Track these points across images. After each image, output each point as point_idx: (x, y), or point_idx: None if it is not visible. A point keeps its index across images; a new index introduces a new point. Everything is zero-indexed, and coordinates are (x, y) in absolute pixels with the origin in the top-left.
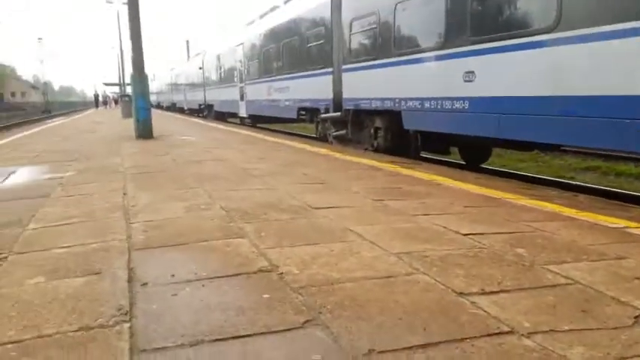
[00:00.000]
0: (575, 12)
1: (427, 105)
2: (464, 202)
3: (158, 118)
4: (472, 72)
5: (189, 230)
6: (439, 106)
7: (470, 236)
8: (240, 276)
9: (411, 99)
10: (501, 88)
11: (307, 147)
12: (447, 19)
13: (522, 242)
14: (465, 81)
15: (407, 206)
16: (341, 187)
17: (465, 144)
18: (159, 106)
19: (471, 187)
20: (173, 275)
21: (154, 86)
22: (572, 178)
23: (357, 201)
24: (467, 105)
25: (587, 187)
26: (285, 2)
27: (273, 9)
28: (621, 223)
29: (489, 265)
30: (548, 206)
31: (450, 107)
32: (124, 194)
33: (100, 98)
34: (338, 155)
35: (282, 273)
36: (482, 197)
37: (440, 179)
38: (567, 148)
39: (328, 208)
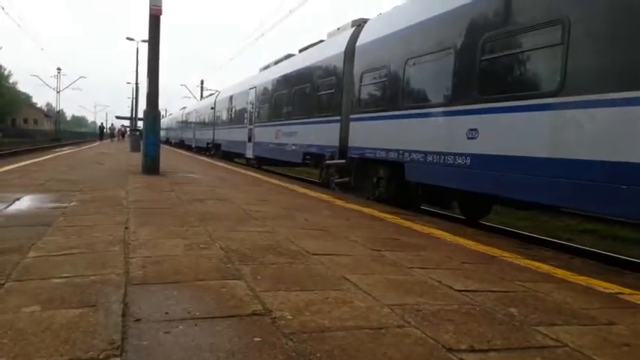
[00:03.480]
0: (578, 79)
1: (430, 159)
2: (460, 258)
3: (166, 154)
4: (475, 129)
5: (186, 268)
6: (442, 161)
7: (463, 292)
8: (233, 318)
9: (415, 152)
10: (503, 147)
11: (310, 192)
12: (455, 77)
13: (515, 302)
14: (469, 138)
15: (404, 258)
16: (340, 234)
17: (465, 199)
18: (167, 142)
19: (468, 242)
20: (167, 313)
21: (164, 122)
22: (569, 240)
23: (354, 250)
24: (469, 161)
25: (583, 249)
26: (300, 51)
27: (287, 56)
28: (614, 288)
29: (480, 323)
30: (543, 267)
31: (452, 162)
32: (126, 228)
33: (107, 130)
34: (340, 202)
35: (275, 317)
36: (479, 254)
37: (438, 233)
38: (566, 210)
39: (326, 255)
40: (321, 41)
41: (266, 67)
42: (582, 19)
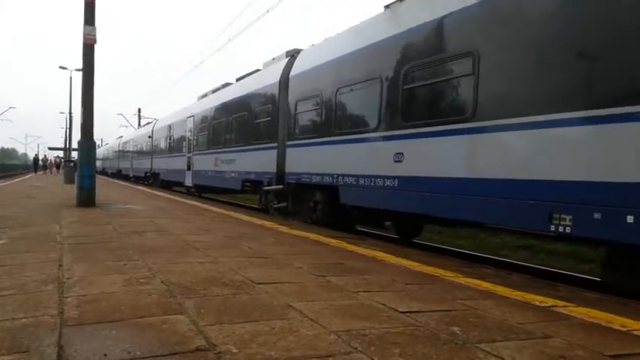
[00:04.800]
0: (487, 105)
1: (362, 182)
2: (404, 279)
3: (102, 184)
4: (401, 153)
5: (125, 305)
6: (372, 183)
7: (408, 314)
8: (176, 355)
9: (348, 175)
10: (426, 169)
11: (254, 220)
12: (381, 104)
13: (457, 320)
14: (395, 161)
15: (349, 282)
16: (285, 262)
17: (397, 219)
18: (104, 172)
19: (412, 264)
20: (106, 354)
21: (100, 152)
22: (507, 256)
23: (300, 277)
24: (396, 183)
25: (520, 265)
26: (237, 80)
27: (225, 85)
28: (549, 301)
29: (424, 344)
30: (483, 284)
31: (381, 184)
32: (60, 265)
33: (40, 162)
34: (284, 229)
35: (219, 352)
36: (422, 275)
37: (382, 255)
38: (503, 227)
39: (271, 283)
40: (258, 70)
41: (204, 96)
42: (489, 52)
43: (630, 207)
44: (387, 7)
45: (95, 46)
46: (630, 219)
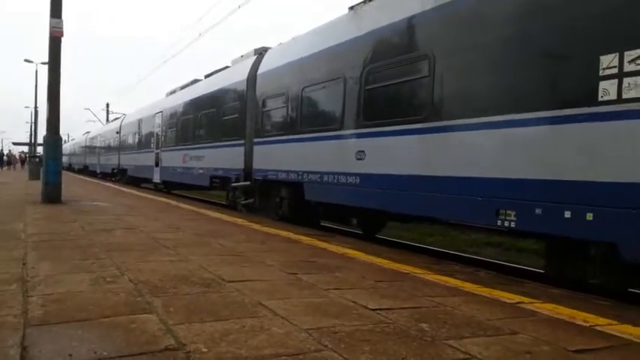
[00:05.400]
0: (441, 106)
1: (325, 179)
2: (374, 277)
3: (69, 180)
4: (363, 151)
5: (92, 305)
6: (335, 180)
7: (378, 311)
8: (144, 355)
9: (312, 172)
10: (386, 167)
11: (225, 217)
12: (344, 104)
13: (426, 317)
14: (357, 159)
15: (320, 280)
16: (256, 259)
17: (361, 215)
18: (70, 168)
19: (382, 261)
20: (71, 355)
21: (66, 148)
22: (475, 253)
23: (271, 274)
24: (358, 180)
25: (488, 261)
26: (206, 76)
27: (193, 82)
28: (516, 298)
29: (394, 341)
30: (452, 281)
31: (344, 181)
32: (24, 264)
33: (5, 158)
34: (256, 226)
35: (189, 352)
36: (392, 272)
37: (353, 253)
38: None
39: (241, 281)
40: (227, 67)
41: (173, 92)
42: (443, 56)
43: (568, 203)
44: (350, 8)
45: (62, 39)
46: (568, 214)
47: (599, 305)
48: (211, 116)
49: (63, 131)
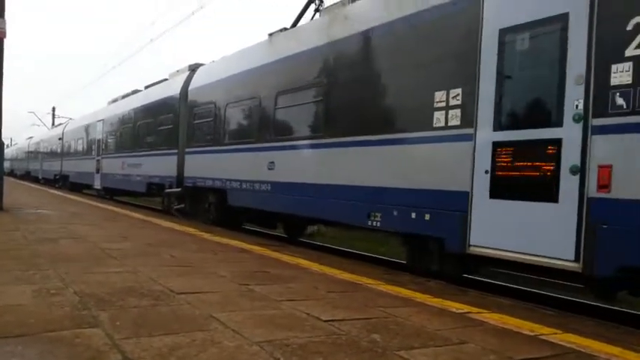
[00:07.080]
0: (331, 125)
1: (244, 186)
2: (327, 288)
3: (10, 187)
4: (273, 162)
5: (34, 318)
6: (251, 187)
7: (330, 322)
8: None
9: (233, 180)
10: (292, 176)
11: (175, 226)
12: (259, 120)
13: (377, 328)
14: (269, 169)
15: (272, 291)
16: (208, 270)
17: (281, 219)
18: (12, 174)
19: (334, 271)
20: None
21: (8, 153)
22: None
23: (223, 285)
24: (270, 187)
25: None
26: (146, 87)
27: (134, 92)
28: (464, 308)
29: (346, 352)
30: (403, 292)
31: (259, 188)
32: None
33: None
34: (207, 236)
35: None
36: (345, 282)
37: (305, 263)
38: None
39: (192, 293)
40: (165, 80)
41: (114, 101)
42: (330, 83)
43: (412, 206)
44: (270, 35)
45: (4, 40)
46: (413, 215)
47: (544, 315)
48: (149, 126)
49: (6, 135)
